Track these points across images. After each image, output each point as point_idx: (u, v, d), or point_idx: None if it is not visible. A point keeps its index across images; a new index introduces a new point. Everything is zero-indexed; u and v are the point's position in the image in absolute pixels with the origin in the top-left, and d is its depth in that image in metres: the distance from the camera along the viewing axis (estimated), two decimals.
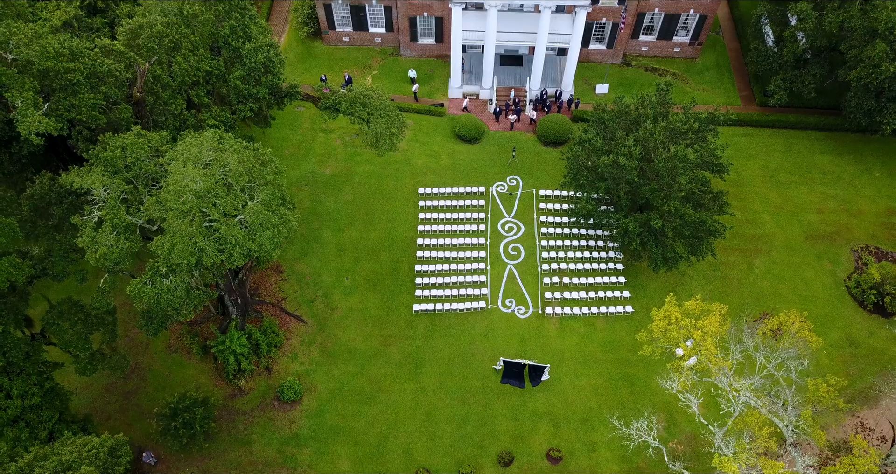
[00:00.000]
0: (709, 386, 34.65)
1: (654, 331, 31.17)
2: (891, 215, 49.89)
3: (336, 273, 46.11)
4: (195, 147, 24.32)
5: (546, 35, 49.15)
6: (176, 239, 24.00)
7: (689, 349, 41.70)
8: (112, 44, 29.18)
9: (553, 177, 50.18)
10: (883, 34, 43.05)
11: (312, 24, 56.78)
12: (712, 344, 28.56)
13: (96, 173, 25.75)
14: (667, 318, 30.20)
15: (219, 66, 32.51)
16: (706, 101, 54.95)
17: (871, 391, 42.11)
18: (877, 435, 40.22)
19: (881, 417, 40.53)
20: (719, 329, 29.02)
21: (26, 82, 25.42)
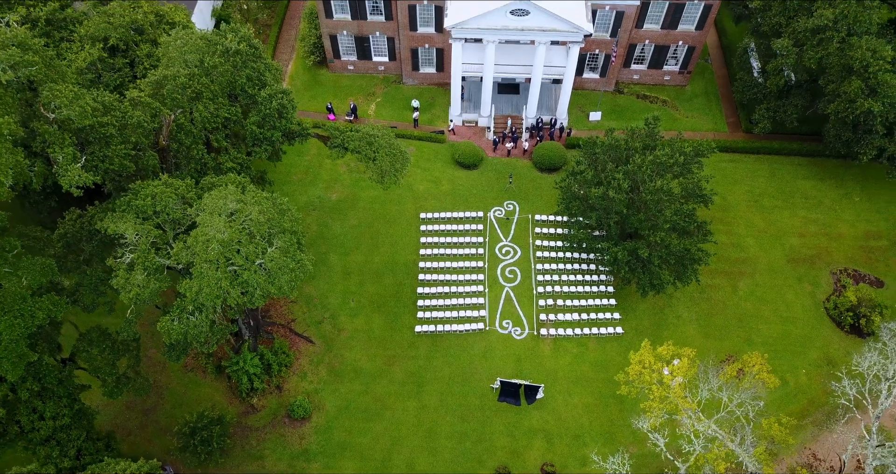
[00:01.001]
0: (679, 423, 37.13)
1: (630, 373, 33.87)
2: (869, 238, 52.50)
3: (342, 295, 48.72)
4: (221, 199, 26.92)
5: (541, 67, 51.77)
6: (203, 283, 26.62)
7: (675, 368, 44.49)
8: (140, 95, 31.77)
9: (548, 202, 52.76)
10: (858, 72, 45.68)
11: (318, 53, 59.38)
12: (680, 386, 31.11)
13: (129, 220, 28.35)
14: (641, 362, 32.82)
15: (236, 113, 35.11)
16: (695, 128, 57.62)
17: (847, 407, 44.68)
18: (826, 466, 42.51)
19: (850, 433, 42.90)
20: (687, 373, 31.56)
21: (66, 139, 28.02)
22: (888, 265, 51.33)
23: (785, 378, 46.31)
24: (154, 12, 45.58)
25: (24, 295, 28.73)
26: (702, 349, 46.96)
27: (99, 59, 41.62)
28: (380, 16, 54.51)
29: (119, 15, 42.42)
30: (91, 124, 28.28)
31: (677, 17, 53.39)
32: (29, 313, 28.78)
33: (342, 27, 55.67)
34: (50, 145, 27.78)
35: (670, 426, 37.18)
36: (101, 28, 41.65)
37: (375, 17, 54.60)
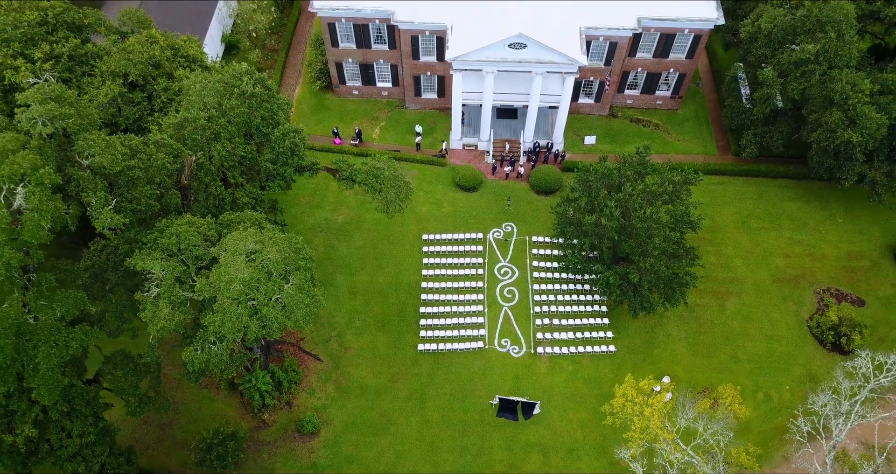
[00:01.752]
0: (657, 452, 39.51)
1: (614, 405, 36.34)
2: (851, 259, 54.92)
3: (348, 314, 51.13)
4: (241, 241, 29.32)
5: (538, 96, 54.20)
6: (226, 317, 29.01)
7: (666, 385, 47.02)
8: (163, 137, 34.18)
9: (544, 224, 55.18)
10: (839, 103, 48.11)
11: (324, 78, 61.80)
12: (659, 419, 33.44)
13: (156, 257, 30.77)
14: (624, 396, 35.24)
15: (251, 151, 37.53)
16: (686, 151, 60.05)
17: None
18: None
19: None
20: (665, 406, 33.92)
21: (98, 183, 30.42)
22: (869, 284, 53.75)
23: (769, 394, 48.85)
24: (170, 46, 47.95)
25: (58, 326, 31.18)
26: (690, 366, 49.61)
27: (119, 94, 44.02)
28: (383, 45, 56.94)
29: (138, 51, 44.74)
30: (121, 169, 30.69)
31: (668, 46, 55.80)
32: (63, 343, 31.22)
33: (347, 55, 58.10)
34: (84, 190, 30.20)
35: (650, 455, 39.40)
36: (121, 64, 44.06)
37: (379, 46, 57.02)
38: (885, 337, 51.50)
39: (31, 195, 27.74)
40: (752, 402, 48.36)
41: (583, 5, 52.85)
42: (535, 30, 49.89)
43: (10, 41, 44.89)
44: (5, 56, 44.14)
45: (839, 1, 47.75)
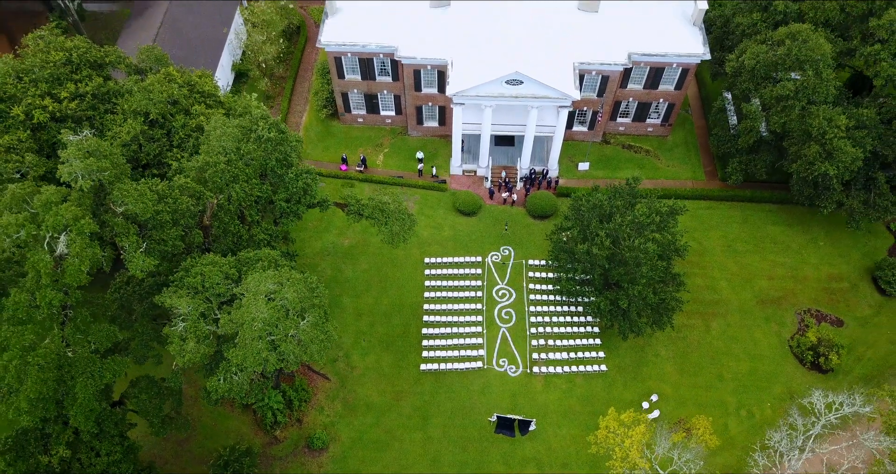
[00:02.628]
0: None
1: (598, 436, 39.38)
2: (831, 281, 57.89)
3: (355, 335, 54.06)
4: (262, 282, 32.30)
5: (534, 127, 57.17)
6: (248, 352, 31.94)
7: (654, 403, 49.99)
8: (186, 181, 37.14)
9: (540, 247, 58.11)
10: (816, 138, 51.09)
11: (330, 106, 64.77)
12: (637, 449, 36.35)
13: (182, 295, 33.71)
14: (607, 427, 38.21)
15: (267, 190, 40.48)
16: (675, 176, 63.02)
17: None
18: None
19: None
20: (643, 436, 36.83)
21: (130, 228, 33.35)
22: (848, 305, 56.72)
23: (752, 411, 51.78)
24: (186, 82, 50.94)
25: (93, 358, 34.14)
26: (677, 384, 52.57)
27: (140, 132, 47.00)
28: (387, 77, 59.91)
29: (158, 91, 47.69)
30: (151, 215, 33.67)
31: (658, 78, 58.76)
32: (98, 374, 34.17)
33: (353, 86, 61.07)
34: (118, 235, 33.14)
35: None
36: (142, 104, 46.98)
37: (383, 78, 59.99)
38: (862, 356, 54.49)
39: (73, 243, 30.70)
40: (736, 419, 51.43)
41: (576, 41, 55.84)
42: (531, 66, 52.85)
43: (39, 81, 47.91)
44: (34, 96, 47.17)
45: (817, 41, 50.70)
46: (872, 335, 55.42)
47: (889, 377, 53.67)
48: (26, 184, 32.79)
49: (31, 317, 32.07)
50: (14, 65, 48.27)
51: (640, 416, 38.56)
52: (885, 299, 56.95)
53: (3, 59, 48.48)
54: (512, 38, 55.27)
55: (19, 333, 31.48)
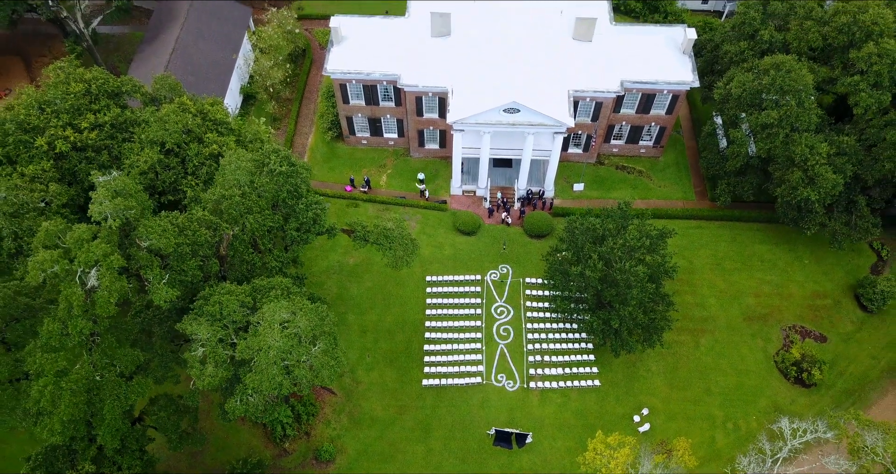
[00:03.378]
0: None
1: (586, 457, 41.99)
2: (815, 298, 60.46)
3: (360, 351, 56.64)
4: (276, 312, 34.90)
5: (531, 151, 59.77)
6: (264, 377, 34.51)
7: (645, 416, 52.58)
8: (204, 214, 39.73)
9: (537, 266, 60.65)
10: (799, 164, 53.68)
11: (335, 129, 67.39)
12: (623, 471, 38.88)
13: (202, 322, 36.27)
14: (594, 450, 40.81)
15: (278, 220, 43.07)
16: (667, 197, 65.62)
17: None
18: None
19: None
20: (628, 457, 39.39)
21: (154, 261, 35.95)
22: (831, 322, 59.31)
23: (738, 424, 54.38)
24: (199, 111, 53.44)
25: (119, 382, 36.73)
26: (667, 398, 55.15)
27: (157, 161, 49.55)
28: (390, 102, 62.52)
29: (173, 121, 50.16)
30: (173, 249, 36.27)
31: (649, 104, 61.36)
32: (124, 396, 36.76)
33: (357, 111, 63.67)
34: (142, 267, 35.72)
35: None
36: (158, 134, 49.52)
37: (386, 103, 62.60)
38: (844, 371, 57.10)
39: (103, 277, 33.27)
40: (723, 431, 54.04)
41: (571, 69, 58.45)
42: (527, 94, 55.45)
43: (60, 112, 50.47)
44: (56, 127, 49.74)
45: (800, 72, 53.31)
46: (854, 350, 58.02)
47: (869, 391, 56.35)
48: (58, 222, 35.38)
49: (63, 344, 34.65)
50: (37, 96, 50.84)
51: (624, 439, 41.11)
52: (866, 315, 59.55)
53: (27, 91, 51.04)
54: (509, 66, 57.85)
55: (53, 360, 34.08)
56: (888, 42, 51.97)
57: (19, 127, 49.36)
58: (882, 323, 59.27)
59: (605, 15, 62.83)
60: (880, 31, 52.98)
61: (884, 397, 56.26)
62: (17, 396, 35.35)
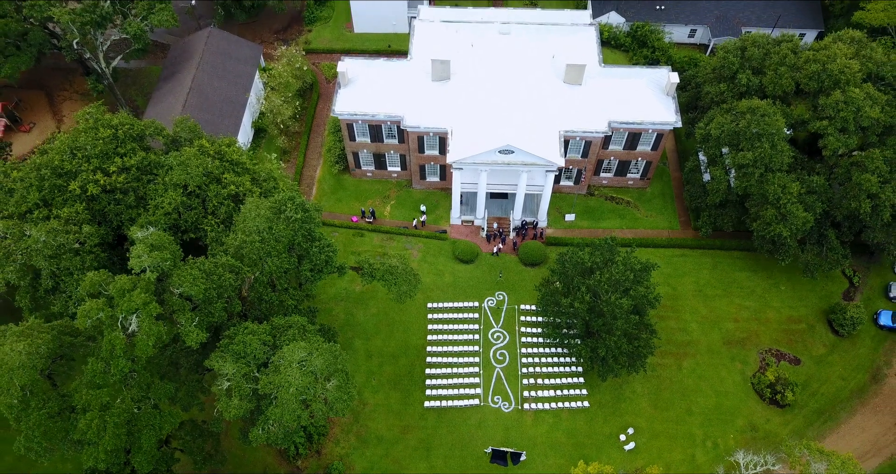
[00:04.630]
0: None
1: None
2: (791, 322, 64.81)
3: (366, 375, 60.96)
4: (295, 352, 39.22)
5: (525, 186, 64.14)
6: (285, 411, 38.84)
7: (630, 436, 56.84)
8: (228, 260, 44.08)
9: (532, 293, 64.90)
10: (772, 202, 58.03)
11: (342, 162, 71.75)
12: None
13: (228, 359, 40.61)
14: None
15: (294, 263, 47.41)
16: (653, 226, 69.98)
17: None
18: None
19: None
20: None
21: (185, 305, 40.29)
22: (805, 345, 63.66)
23: (717, 442, 58.70)
24: (217, 151, 57.70)
25: (154, 413, 41.09)
26: (651, 418, 59.45)
27: (181, 203, 53.87)
28: (394, 140, 66.89)
29: (194, 165, 54.43)
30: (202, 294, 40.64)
31: (635, 141, 65.74)
32: (158, 426, 41.13)
33: (363, 147, 68.05)
34: (175, 312, 40.09)
35: None
36: (181, 177, 53.81)
37: (390, 140, 66.97)
38: (816, 391, 61.46)
39: (143, 323, 37.62)
40: (702, 449, 58.37)
41: (562, 111, 62.82)
42: (521, 136, 59.80)
43: (91, 157, 54.77)
44: (87, 171, 54.03)
45: (774, 117, 57.68)
46: (826, 372, 62.38)
47: (839, 411, 60.74)
48: (102, 273, 39.77)
49: (105, 381, 38.99)
50: (69, 142, 55.08)
51: (604, 468, 45.39)
52: (837, 339, 63.92)
53: (60, 138, 55.35)
54: (505, 108, 62.20)
55: (97, 396, 38.42)
56: (853, 91, 56.35)
57: (54, 172, 53.69)
58: (852, 346, 63.63)
59: (594, 57, 67.21)
60: (847, 80, 57.35)
61: (853, 416, 60.62)
62: (66, 427, 39.64)
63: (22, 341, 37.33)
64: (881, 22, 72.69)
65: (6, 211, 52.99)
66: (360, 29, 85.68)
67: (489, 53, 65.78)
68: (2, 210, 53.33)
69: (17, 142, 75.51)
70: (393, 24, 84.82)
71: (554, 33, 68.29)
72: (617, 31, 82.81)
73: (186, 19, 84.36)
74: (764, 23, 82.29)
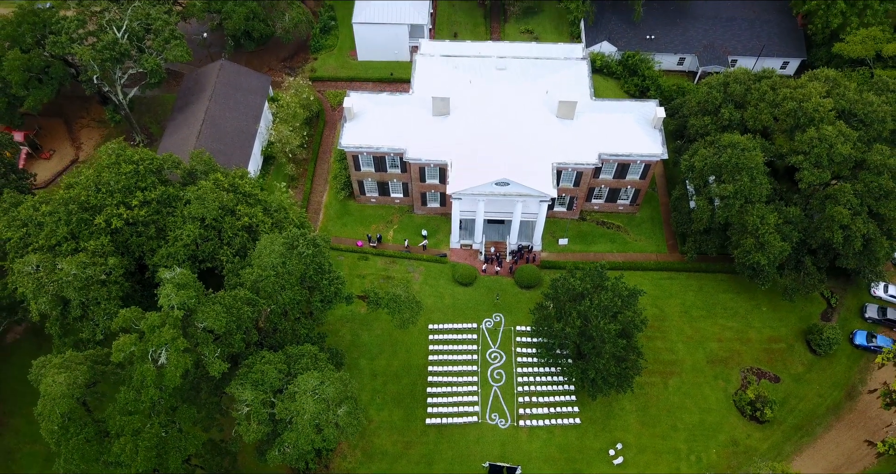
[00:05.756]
0: None
1: None
2: (771, 342, 68.71)
3: (371, 393, 64.86)
4: (309, 381, 43.16)
5: (520, 214, 68.10)
6: (300, 436, 42.79)
7: (619, 450, 60.72)
8: (246, 294, 48.02)
9: (527, 314, 68.80)
10: (751, 232, 61.96)
11: (348, 189, 75.68)
12: None
13: (248, 387, 44.56)
14: None
15: (305, 295, 51.39)
16: (642, 249, 73.90)
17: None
18: None
19: None
20: None
21: (209, 338, 44.23)
22: (784, 364, 67.57)
23: (700, 456, 62.62)
24: (230, 184, 61.59)
25: (180, 436, 45.03)
26: (639, 434, 63.34)
27: (199, 236, 57.79)
28: (397, 169, 70.84)
29: (211, 199, 58.34)
30: None
31: (625, 171, 69.70)
32: (183, 447, 45.06)
33: (367, 176, 72.00)
34: (199, 344, 44.03)
35: None
36: (199, 211, 57.74)
37: (393, 170, 70.92)
38: (794, 408, 65.37)
39: (171, 356, 41.57)
40: (686, 463, 62.28)
41: (555, 145, 66.75)
42: (516, 169, 63.74)
43: (114, 192, 58.69)
44: (111, 206, 57.94)
45: (753, 151, 61.61)
46: (803, 389, 66.30)
47: (815, 426, 64.66)
48: (133, 309, 43.71)
49: (137, 408, 42.93)
50: (94, 178, 58.98)
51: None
52: (815, 358, 67.83)
53: (86, 173, 59.27)
54: (501, 142, 66.11)
55: (130, 422, 42.37)
56: (826, 128, 60.30)
57: (80, 206, 57.64)
58: (829, 365, 67.55)
59: (586, 91, 71.17)
60: (820, 118, 61.30)
61: (828, 431, 64.54)
62: (100, 450, 43.56)
63: (62, 373, 41.27)
64: (858, 54, 76.67)
65: (36, 243, 56.90)
66: (363, 57, 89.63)
67: (486, 89, 69.72)
68: (32, 242, 57.25)
69: (38, 168, 79.53)
70: (395, 53, 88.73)
71: (548, 67, 72.24)
72: (609, 59, 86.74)
73: (198, 49, 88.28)
74: (750, 52, 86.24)
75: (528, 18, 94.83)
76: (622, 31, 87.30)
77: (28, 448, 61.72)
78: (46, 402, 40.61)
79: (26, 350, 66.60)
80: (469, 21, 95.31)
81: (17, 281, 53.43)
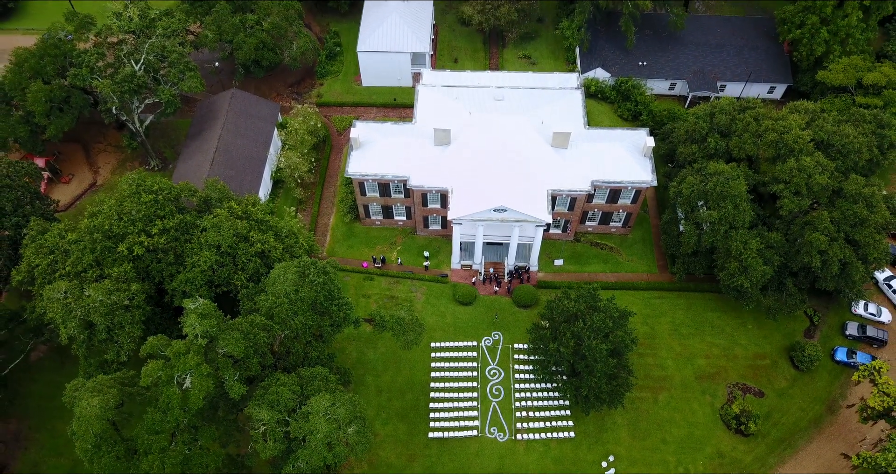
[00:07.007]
0: None
1: None
2: (756, 358, 72.34)
3: (377, 408, 68.56)
4: (321, 403, 46.90)
5: (517, 237, 71.87)
6: (313, 454, 46.51)
7: (611, 462, 64.33)
8: (262, 320, 51.80)
9: (524, 334, 72.45)
10: (735, 256, 65.69)
11: (353, 213, 79.51)
12: None
13: (264, 408, 48.32)
14: None
15: (316, 319, 55.18)
16: (634, 269, 77.62)
17: None
18: None
19: None
20: None
21: (228, 363, 48.04)
22: (769, 379, 71.22)
23: (688, 468, 66.26)
24: (244, 211, 65.37)
25: (202, 453, 48.78)
26: (630, 447, 66.99)
27: (215, 262, 61.58)
28: (400, 195, 74.67)
29: (226, 227, 62.09)
30: None
31: (617, 196, 73.49)
32: (205, 464, 48.79)
33: (372, 201, 75.84)
34: (220, 369, 47.82)
35: None
36: (215, 239, 61.51)
37: (397, 195, 74.76)
38: (778, 421, 69.01)
39: (195, 380, 45.34)
40: None
41: (550, 173, 70.56)
42: (513, 196, 67.51)
43: (136, 221, 62.48)
44: (133, 234, 61.72)
45: (737, 180, 65.36)
46: (787, 404, 69.94)
47: (798, 439, 68.26)
48: (160, 337, 47.50)
49: (163, 428, 46.70)
50: (116, 207, 62.73)
51: None
52: (798, 374, 71.48)
53: (108, 203, 63.05)
54: (498, 170, 69.90)
55: (157, 441, 46.13)
56: (805, 159, 64.08)
57: (104, 235, 61.43)
58: (811, 380, 71.19)
59: (580, 121, 75.02)
60: (800, 149, 65.07)
61: (810, 444, 68.15)
62: (129, 467, 47.31)
63: (96, 396, 45.04)
64: (840, 82, 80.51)
65: (63, 270, 60.74)
66: (367, 82, 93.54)
67: (485, 119, 73.53)
68: (59, 269, 61.06)
69: (57, 193, 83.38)
70: (398, 79, 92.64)
71: (544, 98, 76.08)
72: (603, 85, 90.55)
73: (210, 76, 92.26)
74: (738, 77, 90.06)
75: (526, 44, 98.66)
76: (615, 57, 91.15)
77: (53, 461, 65.50)
78: (81, 423, 44.38)
79: (50, 367, 70.45)
80: (469, 46, 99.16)
81: (46, 306, 57.16)
